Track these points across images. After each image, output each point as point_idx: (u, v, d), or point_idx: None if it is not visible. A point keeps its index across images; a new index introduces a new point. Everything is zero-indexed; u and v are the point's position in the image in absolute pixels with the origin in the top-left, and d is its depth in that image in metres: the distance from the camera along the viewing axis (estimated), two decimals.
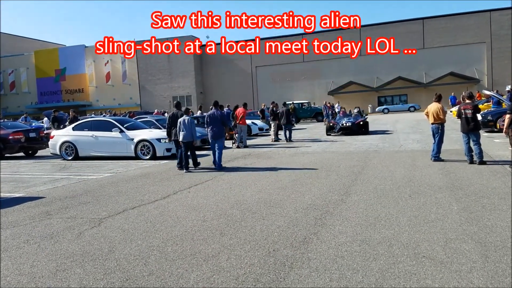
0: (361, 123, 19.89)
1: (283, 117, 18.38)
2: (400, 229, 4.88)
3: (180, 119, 10.77)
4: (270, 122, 19.28)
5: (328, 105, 33.66)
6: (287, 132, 18.28)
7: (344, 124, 19.82)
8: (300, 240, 4.62)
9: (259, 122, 23.68)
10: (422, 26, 46.73)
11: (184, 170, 10.57)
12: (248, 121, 21.65)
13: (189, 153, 10.91)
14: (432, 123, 10.35)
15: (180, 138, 10.68)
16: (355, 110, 23.32)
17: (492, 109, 21.12)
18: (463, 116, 9.71)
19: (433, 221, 5.13)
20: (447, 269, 3.67)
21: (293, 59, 50.38)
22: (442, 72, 45.12)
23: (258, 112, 26.66)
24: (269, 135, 20.23)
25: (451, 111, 28.60)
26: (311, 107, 38.03)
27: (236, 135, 16.85)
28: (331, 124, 20.71)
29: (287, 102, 22.94)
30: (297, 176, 9.04)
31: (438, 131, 10.26)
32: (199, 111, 29.31)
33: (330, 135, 19.95)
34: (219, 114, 11.31)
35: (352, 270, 3.71)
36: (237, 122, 16.52)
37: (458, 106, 11.23)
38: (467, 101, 10.01)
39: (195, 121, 22.05)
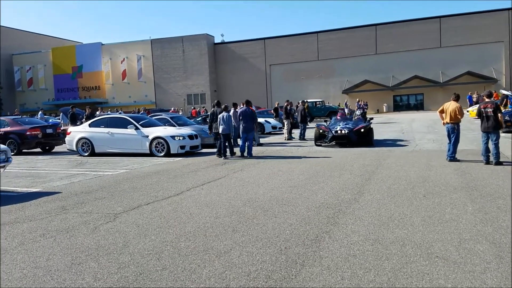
0: (362, 130, 14.62)
1: (299, 115, 18.38)
2: (413, 229, 4.84)
3: (220, 115, 12.83)
4: (284, 121, 19.26)
5: (361, 103, 30.48)
6: (302, 131, 18.25)
7: (339, 132, 14.60)
8: (312, 238, 4.62)
9: (272, 121, 23.66)
10: (439, 24, 46.07)
11: (222, 157, 12.56)
12: (262, 120, 21.65)
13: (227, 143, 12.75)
14: (448, 123, 10.22)
15: (220, 131, 12.64)
16: (358, 112, 17.71)
17: (509, 109, 20.75)
18: (484, 115, 9.55)
19: (447, 222, 5.08)
20: (460, 269, 3.64)
21: (308, 57, 50.19)
22: (459, 71, 44.39)
23: (272, 110, 26.63)
24: (283, 133, 20.20)
25: (467, 111, 28.18)
26: (325, 105, 37.83)
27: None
28: (320, 130, 15.33)
29: (301, 101, 22.85)
30: (310, 174, 9.03)
31: (454, 131, 10.13)
32: (212, 109, 29.48)
33: (320, 145, 15.10)
34: (249, 111, 13.26)
35: (364, 269, 3.71)
36: None
37: (478, 105, 11.07)
38: (486, 99, 9.87)
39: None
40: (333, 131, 14.74)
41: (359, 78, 47.94)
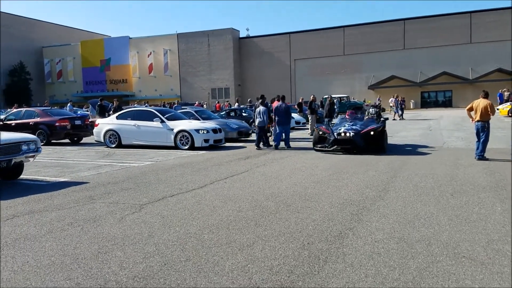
0: (371, 133, 11.78)
1: (325, 110, 18.26)
2: (440, 228, 4.75)
3: (257, 109, 13.97)
4: (309, 116, 19.14)
5: (399, 99, 28.84)
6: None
7: (342, 135, 11.88)
8: (335, 234, 4.59)
9: (296, 116, 23.56)
10: (470, 20, 44.77)
11: (260, 147, 13.56)
12: None
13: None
14: (478, 120, 9.95)
15: (256, 123, 13.80)
16: (371, 110, 14.52)
17: None
18: None
19: (475, 221, 4.96)
20: (488, 270, 3.55)
21: (333, 52, 49.65)
22: (489, 68, 43.07)
23: (296, 105, 26.53)
24: (307, 128, 20.09)
25: (498, 109, 27.36)
26: (350, 101, 37.42)
27: (273, 128, 16.87)
28: (320, 132, 12.58)
29: (325, 96, 22.65)
30: (334, 170, 8.96)
31: (484, 129, 9.86)
32: (236, 104, 29.60)
33: (319, 150, 12.29)
34: (284, 106, 13.77)
35: (388, 267, 3.66)
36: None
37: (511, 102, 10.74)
38: None
39: (233, 113, 22.36)
40: (335, 134, 11.99)
41: (385, 73, 47.14)
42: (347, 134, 11.82)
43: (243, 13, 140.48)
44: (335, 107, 22.53)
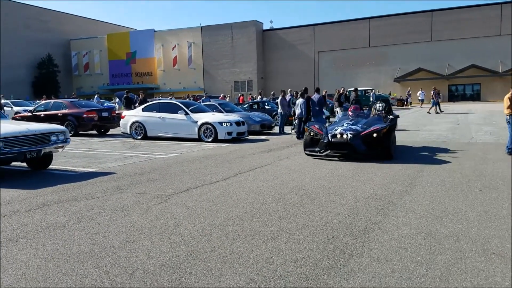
0: (374, 135, 9.47)
1: (351, 103, 18.07)
2: (468, 224, 4.65)
3: (297, 101, 14.78)
4: (335, 109, 18.97)
5: (437, 90, 28.12)
6: None
7: (338, 136, 9.57)
8: (361, 229, 4.55)
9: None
10: (500, 11, 43.27)
11: (300, 138, 13.80)
12: None
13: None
14: (509, 114, 9.65)
15: (296, 115, 14.69)
16: (378, 105, 11.82)
17: None
18: None
19: (504, 217, 4.83)
20: None
21: (358, 44, 48.94)
22: None
23: (333, 98, 26.24)
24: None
25: None
26: (375, 94, 36.85)
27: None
28: (311, 133, 10.26)
29: (349, 89, 22.36)
30: (358, 164, 8.86)
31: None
32: (259, 96, 29.57)
33: (310, 155, 10.07)
34: (317, 98, 14.21)
35: (416, 262, 3.61)
36: None
37: None
38: None
39: (256, 106, 22.35)
40: (329, 135, 9.69)
41: (412, 66, 46.21)
42: (344, 136, 9.48)
43: (267, 5, 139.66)
44: (372, 100, 21.97)
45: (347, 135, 9.49)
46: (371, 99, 21.66)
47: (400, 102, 41.17)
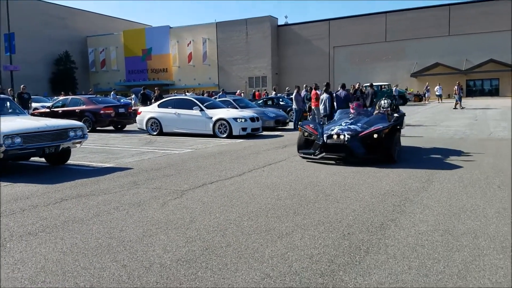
0: (375, 136, 8.43)
1: (368, 98, 17.89)
2: (487, 221, 4.58)
3: (321, 96, 14.52)
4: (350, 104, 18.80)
5: (460, 85, 27.61)
6: None
7: (334, 137, 8.62)
8: (377, 226, 4.51)
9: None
10: None
11: None
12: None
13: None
14: None
15: (321, 111, 14.39)
16: (383, 102, 10.69)
17: None
18: None
19: None
20: None
21: (374, 39, 48.35)
22: None
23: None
24: None
25: None
26: (391, 89, 36.42)
27: (310, 117, 16.73)
28: (305, 133, 9.28)
29: (365, 84, 22.12)
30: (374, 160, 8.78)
31: None
32: (273, 92, 29.49)
33: (305, 157, 9.19)
34: (343, 94, 14.15)
35: (433, 259, 3.57)
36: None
37: None
38: None
39: (271, 102, 22.32)
40: (324, 136, 8.77)
41: (429, 61, 45.46)
42: (341, 137, 8.52)
43: (282, 0, 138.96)
44: (395, 95, 21.06)
45: (344, 135, 8.52)
46: (393, 94, 21.30)
47: (417, 97, 40.64)
